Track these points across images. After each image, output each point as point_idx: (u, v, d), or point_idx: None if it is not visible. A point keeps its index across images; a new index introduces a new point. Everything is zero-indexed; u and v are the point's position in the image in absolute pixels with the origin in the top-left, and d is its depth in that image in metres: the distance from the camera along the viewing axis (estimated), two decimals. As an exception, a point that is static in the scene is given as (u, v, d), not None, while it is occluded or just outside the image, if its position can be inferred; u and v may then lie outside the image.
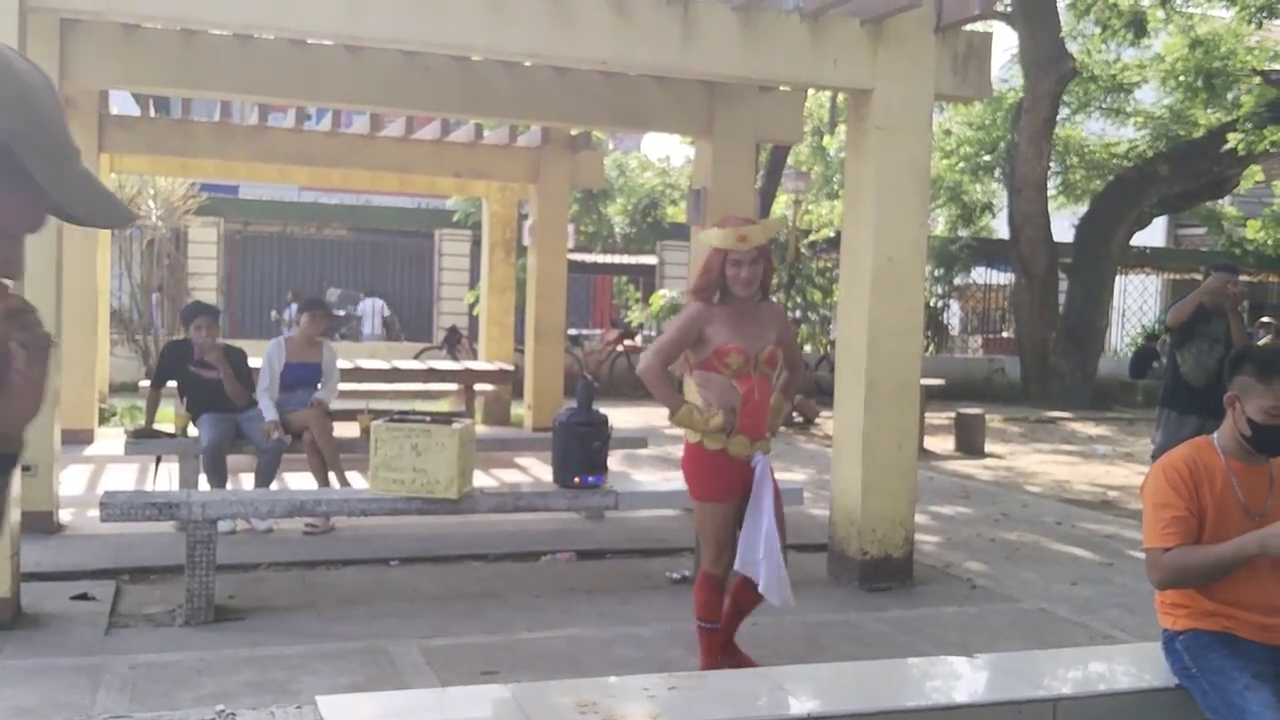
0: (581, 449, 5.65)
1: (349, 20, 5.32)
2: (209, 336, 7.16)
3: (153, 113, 10.81)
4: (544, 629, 5.19)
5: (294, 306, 20.47)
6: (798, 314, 15.19)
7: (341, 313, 21.74)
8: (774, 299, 13.17)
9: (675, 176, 20.97)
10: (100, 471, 8.90)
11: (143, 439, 7.33)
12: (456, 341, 17.87)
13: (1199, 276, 22.56)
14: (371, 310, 21.51)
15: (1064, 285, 18.38)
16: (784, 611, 5.50)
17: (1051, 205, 18.49)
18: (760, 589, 4.25)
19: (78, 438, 9.70)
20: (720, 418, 4.27)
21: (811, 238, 18.08)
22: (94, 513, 6.56)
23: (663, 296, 16.69)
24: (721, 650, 4.45)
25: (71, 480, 8.23)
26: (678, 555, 6.64)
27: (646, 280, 20.49)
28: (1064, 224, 19.42)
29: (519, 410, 12.48)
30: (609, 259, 20.41)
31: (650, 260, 20.34)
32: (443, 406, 12.06)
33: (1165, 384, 7.00)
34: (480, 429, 11.12)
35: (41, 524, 6.54)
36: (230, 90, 7.46)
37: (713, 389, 4.35)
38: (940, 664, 3.99)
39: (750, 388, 4.30)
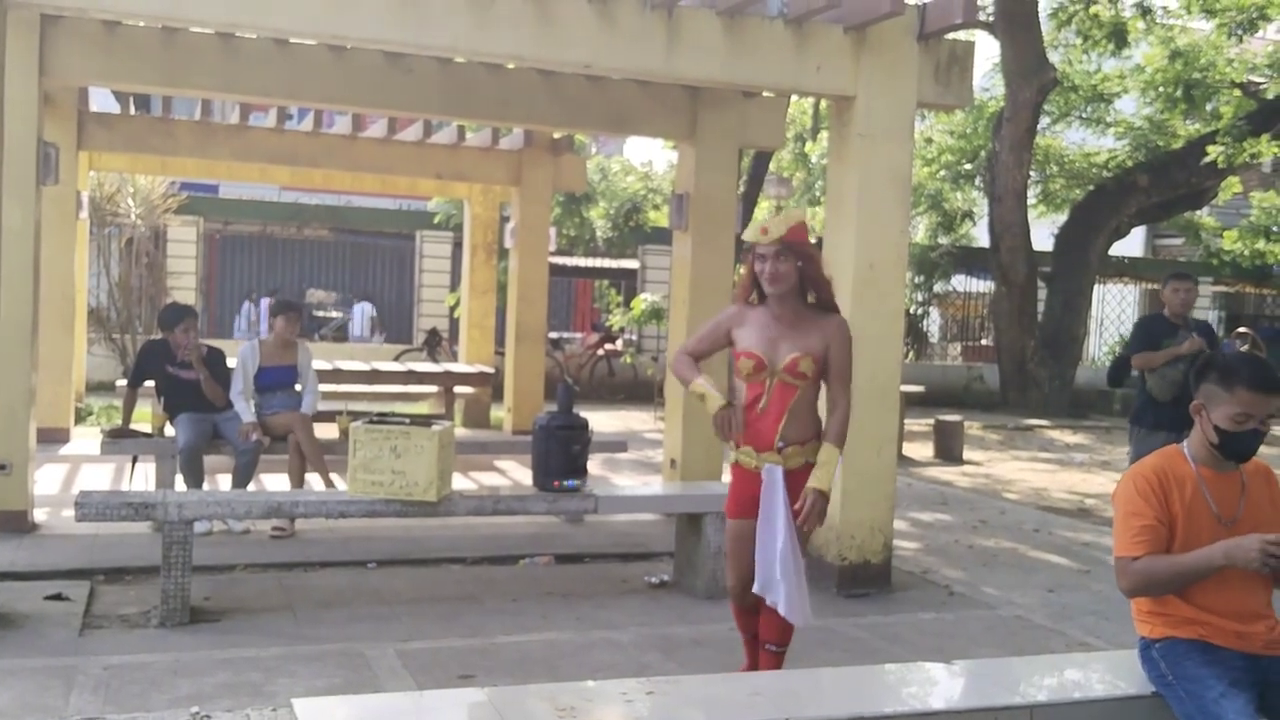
0: (561, 452, 5.63)
1: (331, 20, 5.30)
2: (192, 338, 7.14)
3: (133, 110, 10.74)
4: (521, 633, 5.18)
5: (248, 305, 20.39)
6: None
7: (326, 313, 21.70)
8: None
9: (657, 181, 20.97)
10: (76, 471, 8.84)
11: (119, 439, 7.28)
12: (437, 343, 17.82)
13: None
14: (361, 314, 21.50)
15: (1043, 294, 18.48)
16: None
17: (1031, 214, 18.59)
18: (781, 611, 4.06)
19: (53, 437, 9.63)
20: (714, 403, 4.06)
21: (793, 243, 18.07)
22: (69, 512, 6.51)
23: (644, 300, 16.68)
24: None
25: (47, 479, 8.17)
26: (656, 560, 6.64)
27: (628, 284, 20.49)
28: (1044, 233, 19.52)
29: (499, 413, 12.46)
30: (590, 262, 20.41)
31: (632, 264, 20.34)
32: (422, 409, 12.03)
33: (1135, 401, 7.13)
34: (460, 431, 11.09)
35: (16, 523, 6.50)
36: (211, 89, 7.42)
37: (736, 395, 4.21)
38: (917, 670, 4.00)
39: (758, 395, 4.08)
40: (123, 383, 8.58)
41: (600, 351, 18.54)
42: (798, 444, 4.08)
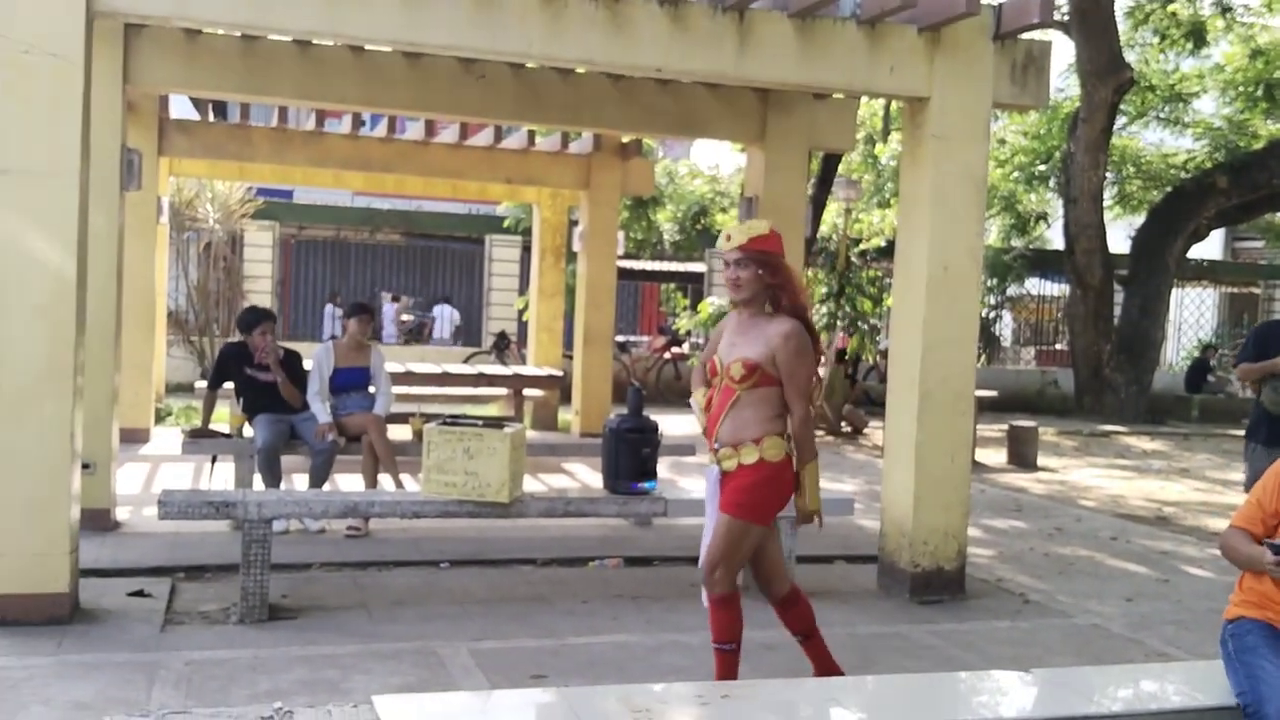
0: (631, 455, 5.64)
1: (407, 27, 5.36)
2: (270, 341, 7.27)
3: (211, 117, 10.96)
4: (592, 634, 5.19)
5: (330, 307, 20.86)
6: (844, 323, 15.14)
7: (408, 318, 22.04)
8: (823, 310, 12.79)
9: (725, 184, 20.95)
10: (156, 470, 9.04)
11: (199, 439, 7.43)
12: (505, 347, 17.96)
13: (1258, 290, 21.93)
14: (445, 316, 21.78)
15: (1119, 297, 18.17)
16: (834, 622, 5.48)
17: (1107, 216, 18.28)
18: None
19: (135, 437, 9.85)
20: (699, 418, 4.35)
21: (862, 246, 18.01)
22: (150, 511, 6.67)
23: (711, 304, 16.66)
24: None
25: (128, 479, 8.35)
26: (726, 563, 6.62)
27: (695, 287, 20.49)
28: (1120, 235, 19.19)
29: (566, 416, 12.52)
30: (658, 266, 20.44)
31: (699, 268, 20.33)
32: (491, 411, 12.13)
33: (1251, 416, 6.69)
34: (528, 434, 11.17)
35: (99, 521, 6.65)
36: (289, 96, 7.55)
37: None
38: (992, 678, 3.96)
39: (710, 397, 4.26)
40: (201, 384, 8.76)
41: (666, 355, 18.55)
42: (730, 446, 4.15)
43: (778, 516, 4.26)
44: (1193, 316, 23.12)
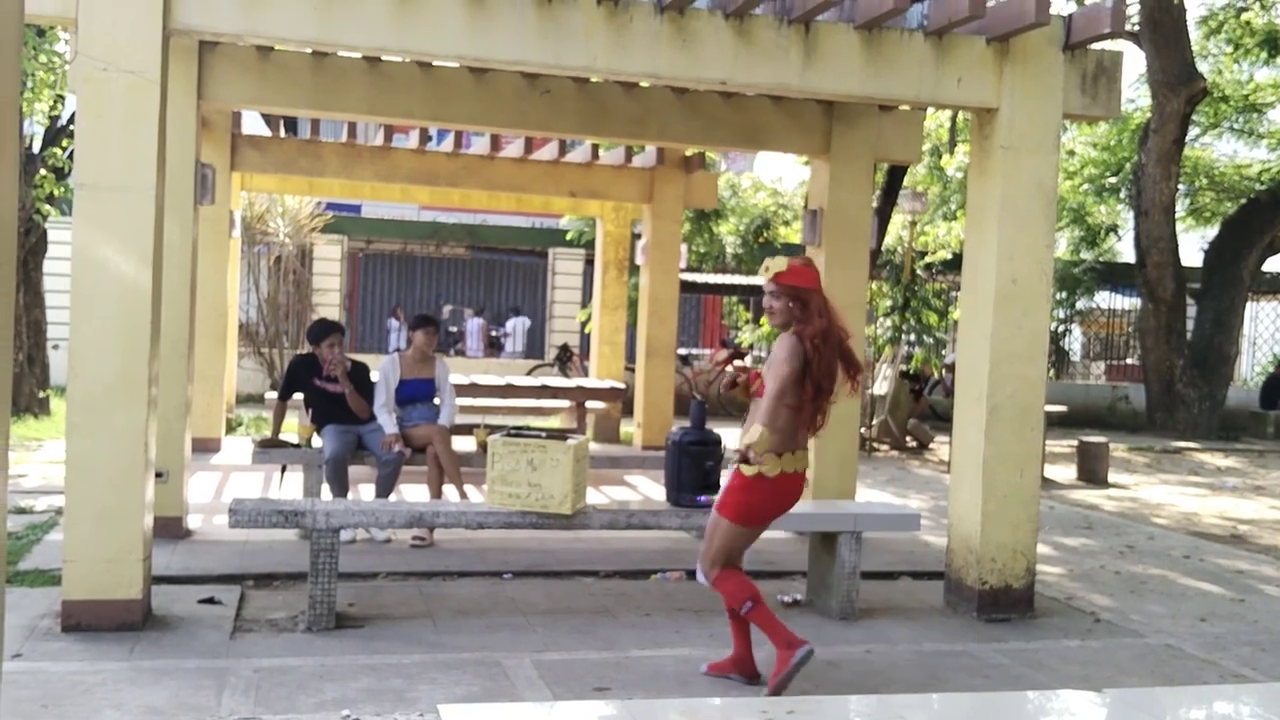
0: (694, 468, 5.63)
1: (473, 43, 5.42)
2: (339, 353, 7.37)
3: (282, 133, 11.15)
4: (654, 647, 5.19)
5: (391, 322, 21.10)
6: (911, 336, 14.98)
7: (494, 331, 22.29)
8: (888, 323, 12.80)
9: (787, 197, 20.88)
10: (226, 479, 9.18)
11: (269, 449, 7.54)
12: (568, 359, 18.05)
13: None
14: (518, 329, 21.94)
15: (1192, 311, 17.81)
16: (899, 639, 5.43)
17: (1179, 228, 17.95)
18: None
19: (206, 446, 10.03)
20: None
21: (927, 259, 17.85)
22: (221, 519, 6.79)
23: (774, 318, 16.58)
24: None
25: (199, 487, 8.50)
26: (788, 579, 6.59)
27: (757, 301, 20.42)
28: (1192, 247, 18.85)
29: (628, 428, 12.52)
30: (720, 279, 20.41)
31: (761, 281, 20.25)
32: (554, 423, 12.17)
33: None
34: (591, 446, 11.18)
35: (171, 529, 6.78)
36: (357, 111, 7.64)
37: None
38: (1061, 698, 3.89)
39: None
40: (271, 395, 8.90)
41: (729, 368, 18.49)
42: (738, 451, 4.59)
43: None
44: (1268, 331, 22.62)
